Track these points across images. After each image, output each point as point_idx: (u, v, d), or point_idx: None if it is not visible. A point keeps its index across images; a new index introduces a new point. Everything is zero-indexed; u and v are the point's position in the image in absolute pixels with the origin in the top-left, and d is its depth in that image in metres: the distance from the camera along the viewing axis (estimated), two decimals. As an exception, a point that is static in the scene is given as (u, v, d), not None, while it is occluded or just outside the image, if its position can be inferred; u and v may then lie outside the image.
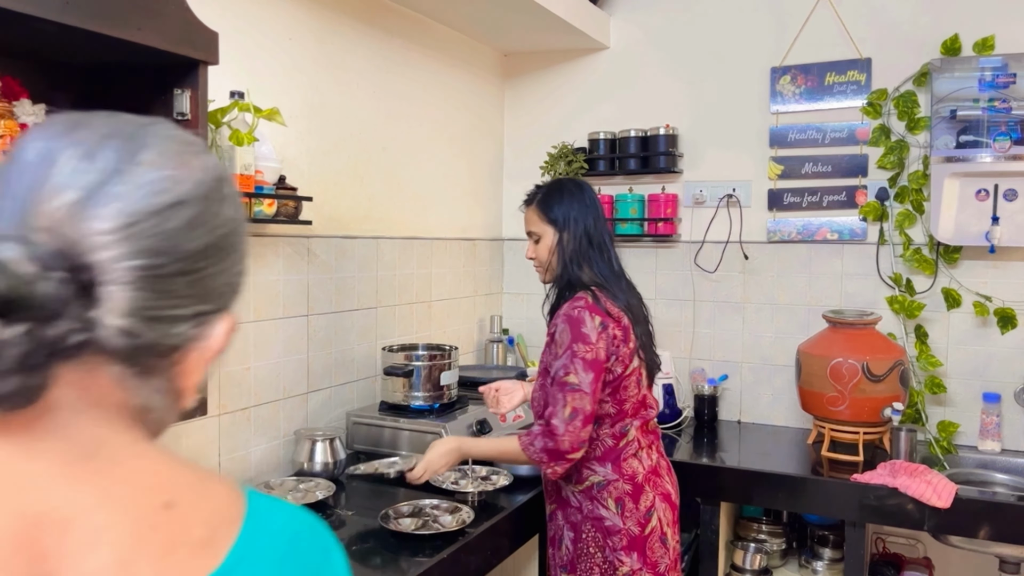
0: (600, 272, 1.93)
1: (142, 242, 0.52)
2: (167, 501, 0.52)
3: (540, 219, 1.98)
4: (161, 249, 0.53)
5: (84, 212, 0.51)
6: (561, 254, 1.95)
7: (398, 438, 2.29)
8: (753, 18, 2.93)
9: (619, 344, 1.87)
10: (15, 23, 1.16)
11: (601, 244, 1.96)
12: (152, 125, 0.58)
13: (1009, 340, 2.61)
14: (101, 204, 0.52)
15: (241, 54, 2.02)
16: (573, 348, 1.81)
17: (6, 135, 1.34)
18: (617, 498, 1.87)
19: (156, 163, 0.55)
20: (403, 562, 1.68)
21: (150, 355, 0.54)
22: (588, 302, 1.85)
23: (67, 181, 0.52)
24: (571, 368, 1.81)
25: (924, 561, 2.69)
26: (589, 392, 1.80)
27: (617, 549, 1.86)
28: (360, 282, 2.50)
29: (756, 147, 2.94)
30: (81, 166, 0.52)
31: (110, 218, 0.51)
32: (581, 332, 1.82)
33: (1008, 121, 2.49)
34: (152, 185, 0.54)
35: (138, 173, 0.54)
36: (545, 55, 3.26)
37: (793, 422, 2.90)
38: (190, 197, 0.56)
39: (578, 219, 1.94)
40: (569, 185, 2.01)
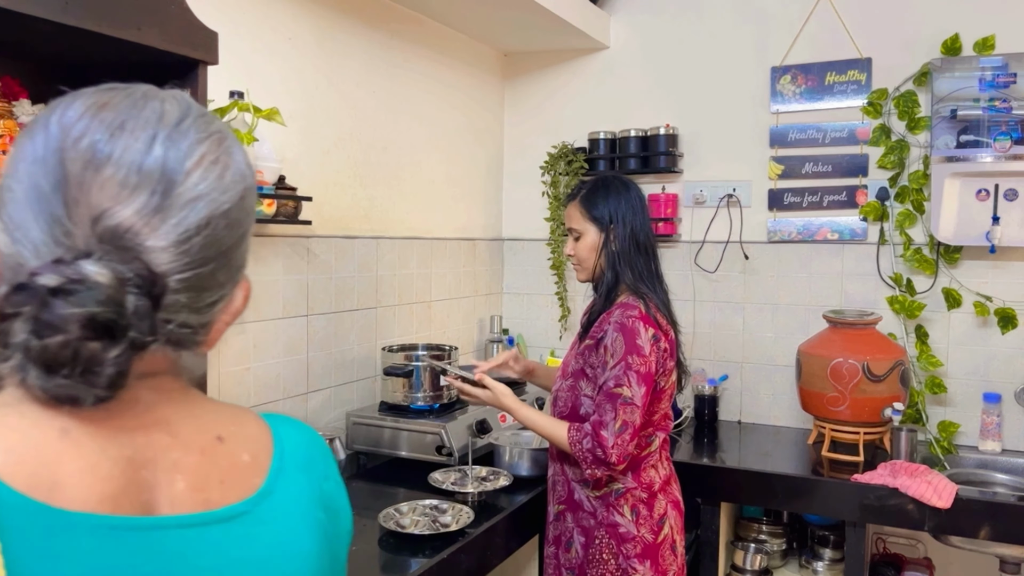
0: (642, 276, 1.88)
1: (196, 253, 0.60)
2: (218, 435, 0.65)
3: (583, 216, 1.93)
4: (209, 256, 0.61)
5: (146, 229, 0.58)
6: (607, 255, 1.90)
7: (398, 438, 2.29)
8: (753, 18, 2.93)
9: (667, 358, 1.84)
10: (15, 23, 1.16)
11: (647, 247, 1.91)
12: (186, 120, 0.62)
13: (1009, 340, 2.61)
14: (160, 222, 0.58)
15: (241, 54, 2.02)
16: (628, 360, 1.77)
17: (6, 135, 1.34)
18: (632, 505, 1.85)
19: (204, 175, 0.61)
20: (403, 562, 1.68)
21: (194, 336, 0.63)
22: (642, 312, 1.81)
23: (128, 197, 0.57)
24: (624, 380, 1.77)
25: (924, 561, 2.69)
26: (640, 406, 1.77)
27: (631, 556, 1.83)
28: (360, 282, 2.50)
29: (756, 147, 2.94)
30: (137, 180, 0.58)
31: (168, 235, 0.58)
32: (636, 344, 1.78)
33: (1008, 121, 2.49)
34: (201, 199, 0.60)
35: (189, 187, 0.60)
36: (545, 55, 3.26)
37: (793, 422, 2.90)
38: (232, 203, 0.62)
39: (625, 219, 1.89)
40: (615, 183, 1.95)
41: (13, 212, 0.58)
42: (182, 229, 0.59)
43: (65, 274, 0.54)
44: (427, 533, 1.80)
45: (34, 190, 0.58)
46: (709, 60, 3.00)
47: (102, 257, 0.56)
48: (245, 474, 0.65)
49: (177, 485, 0.61)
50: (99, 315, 0.54)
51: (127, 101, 0.61)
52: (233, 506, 0.62)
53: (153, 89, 0.64)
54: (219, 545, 0.60)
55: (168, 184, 0.59)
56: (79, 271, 0.54)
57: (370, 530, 1.82)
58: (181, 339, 0.61)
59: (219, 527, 0.61)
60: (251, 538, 0.62)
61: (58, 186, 0.57)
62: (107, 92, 0.62)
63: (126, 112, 0.60)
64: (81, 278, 0.54)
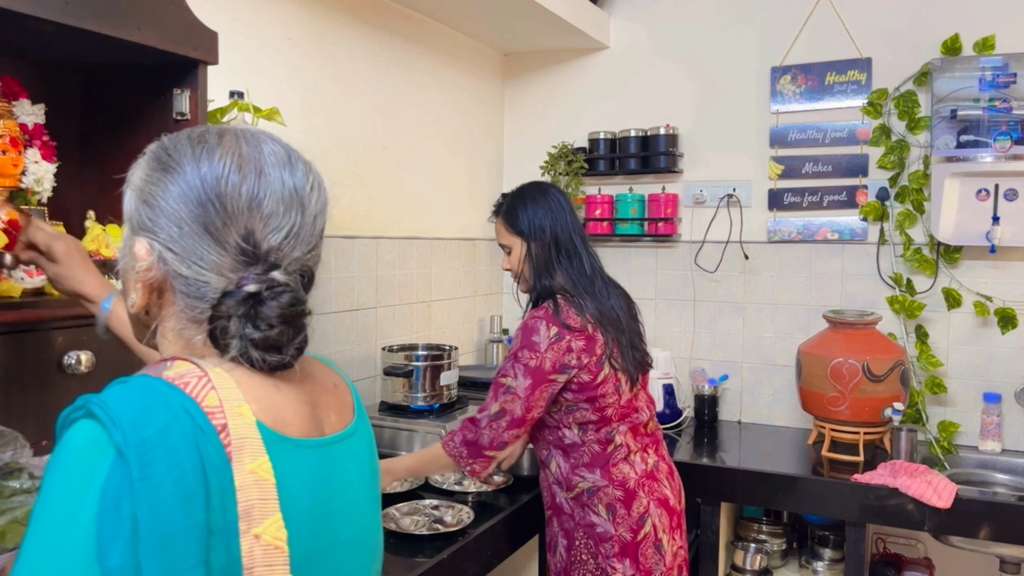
0: (571, 278, 1.89)
1: (318, 252, 0.87)
2: (335, 383, 0.94)
3: (507, 231, 1.95)
4: (320, 254, 0.89)
5: (293, 243, 0.82)
6: (531, 264, 1.91)
7: (398, 438, 2.29)
8: (753, 18, 2.93)
9: (580, 354, 1.81)
10: (15, 23, 1.16)
11: (570, 249, 1.91)
12: (292, 155, 0.86)
13: (1009, 340, 2.61)
14: (297, 239, 0.83)
15: (241, 54, 2.02)
16: (517, 354, 1.81)
17: (6, 135, 1.34)
18: (608, 504, 1.84)
19: (318, 197, 0.86)
20: (403, 562, 1.68)
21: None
22: (547, 312, 1.83)
23: (279, 224, 0.81)
24: (509, 371, 1.81)
25: (924, 561, 2.69)
26: (522, 397, 1.79)
27: (609, 556, 1.83)
28: (360, 282, 2.50)
29: (756, 147, 2.94)
30: (284, 209, 0.82)
31: (306, 244, 0.84)
32: (531, 340, 1.80)
33: (1008, 121, 2.49)
34: (318, 215, 0.86)
35: (311, 207, 0.85)
36: (545, 55, 3.26)
37: (793, 422, 2.90)
38: (324, 206, 0.88)
39: (544, 226, 1.90)
40: (532, 191, 1.96)
41: (187, 245, 0.78)
42: (314, 239, 0.85)
43: (262, 280, 0.78)
44: (427, 533, 1.80)
45: (204, 227, 0.78)
46: (709, 60, 3.00)
47: (283, 266, 0.80)
48: (348, 407, 0.93)
49: (331, 416, 0.89)
50: (297, 309, 0.80)
51: (248, 148, 0.82)
52: (349, 427, 0.90)
53: (249, 130, 0.85)
54: (350, 451, 0.89)
55: (302, 207, 0.83)
56: (273, 279, 0.79)
57: (370, 530, 1.82)
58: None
59: (348, 440, 0.89)
60: (360, 445, 0.92)
61: (228, 226, 0.78)
62: (227, 140, 0.82)
63: (257, 159, 0.81)
64: (276, 284, 0.79)
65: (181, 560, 0.66)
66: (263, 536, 0.72)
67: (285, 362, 0.81)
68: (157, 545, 0.66)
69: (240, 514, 0.71)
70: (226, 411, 0.73)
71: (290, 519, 0.75)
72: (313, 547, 0.79)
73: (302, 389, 0.85)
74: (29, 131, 1.39)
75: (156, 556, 0.66)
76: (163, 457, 0.68)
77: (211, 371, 0.76)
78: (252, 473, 0.72)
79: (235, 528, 0.70)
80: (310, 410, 0.84)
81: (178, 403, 0.72)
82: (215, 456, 0.71)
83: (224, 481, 0.70)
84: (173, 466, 0.68)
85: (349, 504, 0.86)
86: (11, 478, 1.13)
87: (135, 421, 0.69)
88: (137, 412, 0.70)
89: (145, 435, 0.68)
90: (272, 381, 0.81)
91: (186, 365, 0.76)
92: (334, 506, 0.83)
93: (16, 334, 1.17)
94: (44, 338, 1.20)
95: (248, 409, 0.75)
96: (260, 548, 0.71)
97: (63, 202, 1.48)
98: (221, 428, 0.72)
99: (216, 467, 0.70)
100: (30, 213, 1.25)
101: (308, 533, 0.78)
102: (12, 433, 1.15)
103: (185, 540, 0.67)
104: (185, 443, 0.69)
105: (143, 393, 0.72)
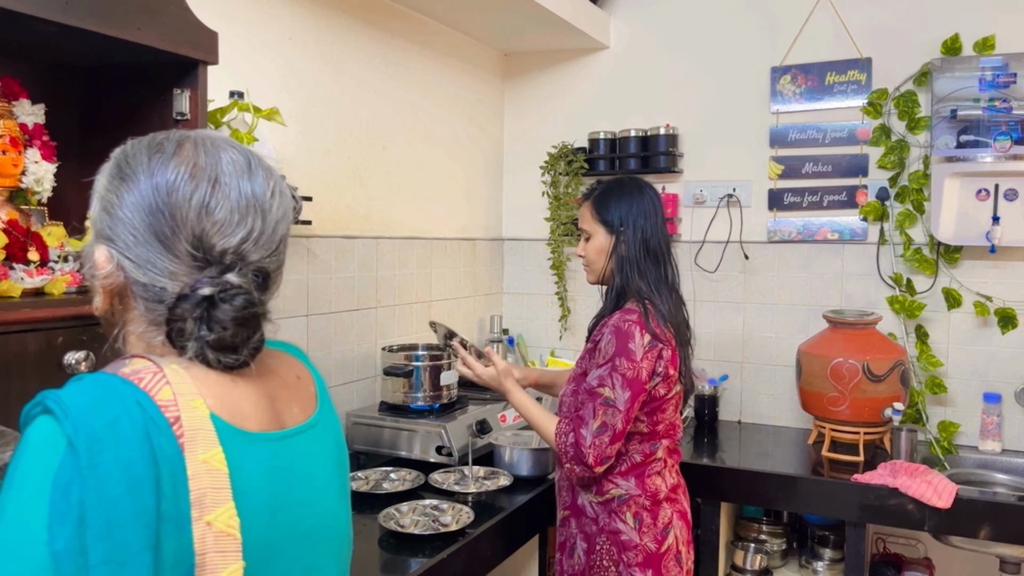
0: (651, 283, 1.84)
1: (280, 257, 0.89)
2: (297, 375, 0.97)
3: (593, 218, 1.89)
4: (283, 259, 0.91)
5: (251, 247, 0.84)
6: (616, 259, 1.86)
7: (398, 438, 2.29)
8: (753, 18, 2.93)
9: (667, 366, 1.80)
10: (15, 23, 1.16)
11: (657, 253, 1.86)
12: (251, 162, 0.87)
13: (1009, 340, 2.61)
14: (256, 243, 0.85)
15: (241, 54, 2.02)
16: (615, 362, 1.74)
17: (6, 135, 1.34)
18: (636, 513, 1.82)
19: (278, 203, 0.87)
20: (403, 562, 1.68)
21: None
22: (640, 317, 1.78)
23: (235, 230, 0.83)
24: (607, 381, 1.74)
25: (924, 561, 2.69)
26: (623, 411, 1.73)
27: (632, 565, 1.80)
28: (360, 282, 2.50)
29: (756, 147, 2.94)
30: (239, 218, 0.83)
31: (266, 248, 0.86)
32: (627, 347, 1.75)
33: (1008, 121, 2.49)
34: (281, 221, 0.88)
35: (272, 213, 0.86)
36: (545, 55, 3.26)
37: (793, 422, 2.90)
38: (291, 219, 0.90)
39: (636, 223, 1.85)
40: (629, 185, 1.90)
41: (139, 252, 0.81)
42: (274, 243, 0.87)
43: (217, 284, 0.80)
44: (427, 533, 1.80)
45: (155, 235, 0.81)
46: (709, 60, 3.00)
47: (239, 269, 0.82)
48: (311, 399, 0.96)
49: (293, 408, 0.92)
50: (251, 312, 0.82)
51: (205, 156, 0.83)
52: (311, 418, 0.93)
53: (210, 137, 0.86)
54: (312, 442, 0.92)
55: (261, 212, 0.85)
56: (227, 282, 0.81)
57: (370, 530, 1.82)
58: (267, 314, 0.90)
59: (310, 432, 0.92)
60: (323, 435, 0.94)
61: (178, 230, 0.80)
62: (185, 149, 0.83)
63: (213, 167, 0.83)
64: (228, 286, 0.81)
65: (127, 545, 0.69)
66: (215, 523, 0.75)
67: (241, 361, 0.84)
68: (103, 530, 0.69)
69: (192, 502, 0.74)
70: (179, 404, 0.77)
71: (245, 508, 0.78)
72: (271, 536, 0.82)
73: (261, 383, 0.88)
74: (29, 131, 1.39)
75: (102, 540, 0.69)
76: (112, 447, 0.71)
77: (167, 367, 0.79)
78: (204, 463, 0.76)
79: (187, 516, 0.74)
80: (269, 403, 0.88)
81: (131, 396, 0.75)
82: (167, 447, 0.74)
83: (176, 470, 0.74)
84: (122, 455, 0.71)
85: (311, 495, 0.89)
86: (11, 478, 1.13)
87: (86, 413, 0.72)
88: (88, 405, 0.73)
89: (95, 426, 0.72)
90: (229, 376, 0.85)
91: (142, 362, 0.80)
92: (294, 496, 0.86)
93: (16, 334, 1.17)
94: (44, 338, 1.20)
95: (202, 403, 0.79)
96: (212, 535, 0.74)
97: (63, 202, 1.48)
98: (174, 420, 0.76)
99: (168, 457, 0.74)
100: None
101: (265, 522, 0.81)
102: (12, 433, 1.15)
103: (132, 526, 0.70)
104: (135, 434, 0.73)
105: (96, 387, 0.76)
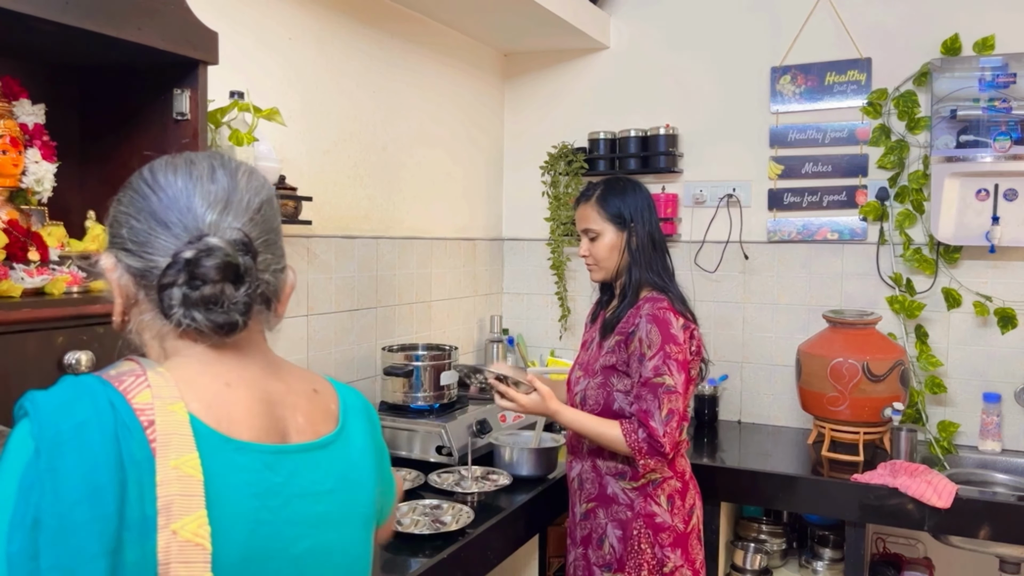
0: (659, 273, 1.92)
1: (262, 224, 0.88)
2: (314, 388, 0.93)
3: (600, 217, 1.93)
4: (270, 227, 0.89)
5: (227, 218, 0.85)
6: (629, 254, 1.92)
7: (398, 438, 2.29)
8: (753, 18, 2.93)
9: (700, 346, 1.90)
10: (15, 23, 1.16)
11: (662, 245, 1.95)
12: (226, 158, 0.91)
13: (1009, 340, 2.61)
14: (230, 213, 0.85)
15: (241, 54, 2.02)
16: (666, 349, 1.80)
17: (6, 135, 1.34)
18: (669, 495, 1.88)
19: (249, 181, 0.89)
20: (403, 562, 1.68)
21: (274, 297, 0.90)
22: (670, 304, 1.86)
23: (211, 201, 0.85)
24: (664, 369, 1.79)
25: (924, 561, 2.69)
26: (682, 392, 1.80)
27: (665, 546, 1.86)
28: (360, 282, 2.50)
29: (756, 147, 2.94)
30: (213, 188, 0.86)
31: (241, 216, 0.86)
32: (671, 333, 1.81)
33: (1008, 121, 2.49)
34: (256, 193, 0.88)
35: (242, 187, 0.87)
36: (545, 55, 3.26)
37: (793, 422, 2.90)
38: (270, 196, 0.91)
39: (644, 217, 1.92)
40: (625, 182, 1.98)
41: (137, 237, 0.84)
42: (251, 211, 0.87)
43: (197, 247, 0.81)
44: (427, 533, 1.80)
45: (152, 217, 0.84)
46: (709, 60, 3.00)
47: (215, 234, 0.83)
48: (330, 416, 0.93)
49: (299, 419, 0.88)
50: (229, 262, 0.82)
51: (184, 154, 0.89)
52: (327, 436, 0.90)
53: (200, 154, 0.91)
54: (321, 462, 0.88)
55: (234, 184, 0.87)
56: (206, 243, 0.82)
57: (370, 530, 1.82)
58: (267, 295, 0.88)
59: (322, 450, 0.88)
60: (337, 458, 0.90)
61: (169, 209, 0.84)
62: (172, 156, 0.89)
63: (187, 157, 0.88)
64: (208, 247, 0.81)
65: (80, 551, 0.68)
66: (180, 532, 0.72)
67: (232, 320, 0.83)
68: (56, 535, 0.68)
69: (159, 508, 0.72)
70: (156, 408, 0.76)
71: (221, 519, 0.75)
72: (251, 552, 0.79)
73: (260, 388, 0.86)
74: (29, 131, 1.39)
75: (53, 545, 0.68)
76: (75, 451, 0.71)
77: (151, 371, 0.80)
78: (175, 469, 0.74)
79: (153, 522, 0.72)
80: (266, 409, 0.85)
81: (105, 399, 0.75)
82: (137, 451, 0.73)
83: (144, 476, 0.72)
84: (84, 460, 0.71)
85: (312, 517, 0.85)
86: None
87: (54, 415, 0.73)
88: (59, 406, 0.74)
89: (61, 428, 0.72)
90: (223, 380, 0.83)
91: (130, 364, 0.81)
92: (287, 515, 0.83)
93: (16, 334, 1.17)
94: (44, 338, 1.20)
95: (182, 407, 0.77)
96: (177, 544, 0.72)
97: (63, 202, 1.48)
98: (148, 424, 0.75)
99: (137, 462, 0.72)
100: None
101: (248, 536, 0.79)
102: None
103: (87, 532, 0.69)
104: (103, 438, 0.72)
105: (72, 389, 0.76)
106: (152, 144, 1.46)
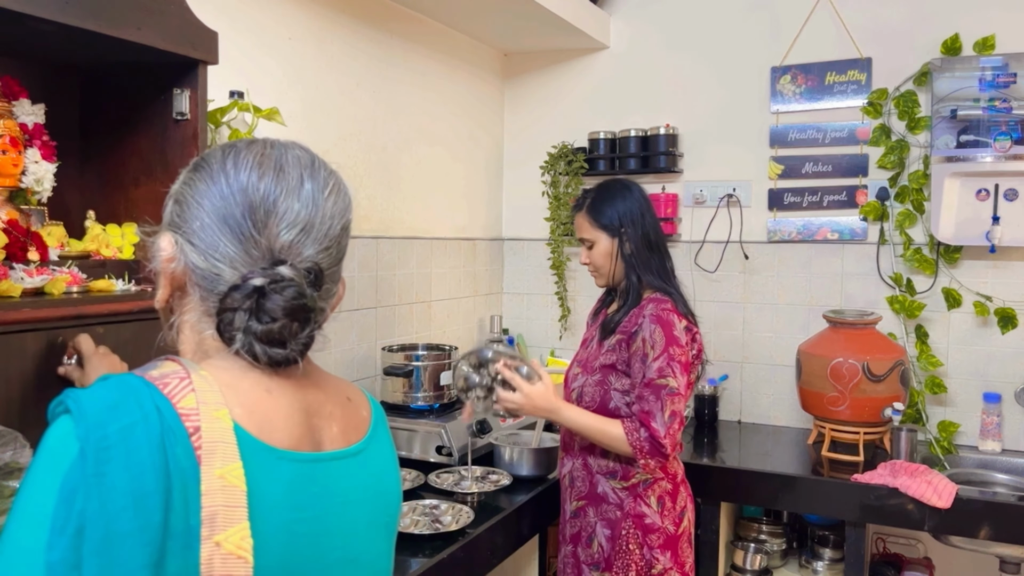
0: (659, 274, 1.93)
1: (336, 253, 0.86)
2: (348, 397, 0.92)
3: (592, 226, 1.96)
4: (340, 256, 0.87)
5: (305, 241, 0.82)
6: (623, 259, 1.93)
7: (398, 438, 2.29)
8: (753, 18, 2.93)
9: (700, 349, 1.91)
10: (15, 23, 1.16)
11: (659, 245, 1.96)
12: (315, 161, 0.87)
13: (1009, 340, 2.61)
14: (314, 234, 0.83)
15: (241, 54, 2.02)
16: (670, 351, 1.81)
17: (6, 135, 1.34)
18: (659, 497, 1.88)
19: (335, 201, 0.85)
20: (403, 562, 1.68)
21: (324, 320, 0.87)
22: (673, 305, 1.87)
23: (292, 221, 0.81)
24: (668, 371, 1.80)
25: (924, 561, 2.69)
26: (683, 394, 1.82)
27: (654, 547, 1.86)
28: (360, 282, 2.50)
29: (756, 147, 2.94)
30: (297, 207, 0.82)
31: (318, 243, 0.83)
32: (674, 335, 1.83)
33: (1008, 121, 2.49)
34: (335, 217, 0.85)
35: (326, 208, 0.84)
36: (545, 55, 3.26)
37: (793, 422, 2.90)
38: (350, 218, 0.88)
39: (634, 221, 1.93)
40: (616, 186, 1.99)
41: (206, 237, 0.80)
42: (329, 239, 0.84)
43: (269, 275, 0.78)
44: (427, 533, 1.80)
45: (225, 222, 0.80)
46: (709, 60, 3.00)
47: (289, 262, 0.80)
48: (362, 424, 0.92)
49: (333, 429, 0.87)
50: (300, 304, 0.79)
51: (273, 150, 0.84)
52: (357, 444, 0.88)
53: (279, 139, 0.87)
54: (352, 470, 0.86)
55: (316, 207, 0.83)
56: (279, 274, 0.79)
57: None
58: (321, 323, 0.86)
59: (353, 458, 0.87)
60: (367, 465, 0.89)
61: (245, 217, 0.80)
62: (256, 145, 0.84)
63: (279, 159, 0.83)
64: (281, 279, 0.78)
65: (125, 561, 0.65)
66: (224, 544, 0.70)
67: (290, 357, 0.81)
68: (101, 544, 0.65)
69: (203, 519, 0.70)
70: (202, 414, 0.73)
71: (263, 530, 0.73)
72: (288, 561, 0.77)
73: (299, 396, 0.84)
74: (29, 131, 1.39)
75: (98, 554, 0.65)
76: (122, 456, 0.68)
77: (195, 373, 0.76)
78: (220, 478, 0.71)
79: (197, 533, 0.69)
80: (304, 418, 0.83)
81: (151, 402, 0.72)
82: (183, 458, 0.70)
83: (189, 484, 0.70)
84: (131, 465, 0.68)
85: (344, 526, 0.84)
86: (11, 478, 1.13)
87: (100, 417, 0.69)
88: (105, 408, 0.70)
89: (108, 431, 0.68)
90: (264, 386, 0.81)
91: (172, 366, 0.77)
92: (323, 525, 0.81)
93: (16, 334, 1.17)
94: (44, 338, 1.20)
95: (226, 413, 0.75)
96: (220, 556, 0.70)
97: (63, 202, 1.48)
98: (194, 430, 0.72)
99: (183, 469, 0.70)
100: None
101: (286, 547, 0.77)
102: (12, 433, 1.15)
103: (132, 542, 0.66)
104: (149, 443, 0.69)
105: (117, 390, 0.72)
106: (152, 144, 1.46)
